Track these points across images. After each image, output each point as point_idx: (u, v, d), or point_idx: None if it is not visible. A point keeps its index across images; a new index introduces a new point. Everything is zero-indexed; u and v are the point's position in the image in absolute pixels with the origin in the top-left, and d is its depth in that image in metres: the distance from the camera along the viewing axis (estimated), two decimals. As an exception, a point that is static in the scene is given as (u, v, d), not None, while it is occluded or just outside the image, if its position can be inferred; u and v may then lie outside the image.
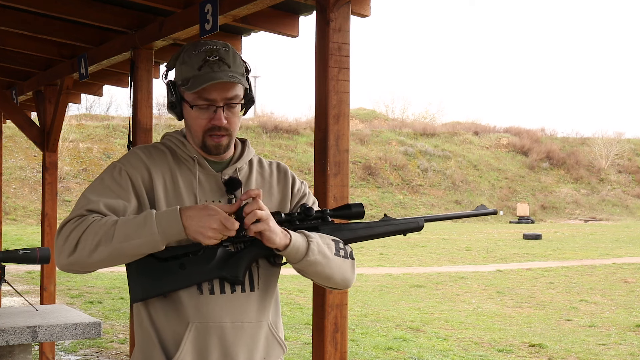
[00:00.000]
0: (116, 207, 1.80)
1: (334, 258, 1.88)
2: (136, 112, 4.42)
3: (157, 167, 1.88)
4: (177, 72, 1.91)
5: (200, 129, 1.87)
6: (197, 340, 1.82)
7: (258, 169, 2.01)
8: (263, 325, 1.90)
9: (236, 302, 1.85)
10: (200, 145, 1.90)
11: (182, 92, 1.89)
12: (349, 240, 1.96)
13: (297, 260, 1.83)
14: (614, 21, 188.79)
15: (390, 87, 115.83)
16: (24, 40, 5.30)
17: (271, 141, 38.88)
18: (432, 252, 19.83)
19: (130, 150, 1.97)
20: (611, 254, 19.18)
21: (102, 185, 1.83)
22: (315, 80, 3.03)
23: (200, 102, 1.85)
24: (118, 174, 1.85)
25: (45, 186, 6.28)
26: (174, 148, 1.94)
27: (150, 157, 1.90)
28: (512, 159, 45.25)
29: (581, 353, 7.90)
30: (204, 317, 1.82)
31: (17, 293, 6.04)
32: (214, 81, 1.81)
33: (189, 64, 1.86)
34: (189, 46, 1.91)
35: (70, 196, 29.31)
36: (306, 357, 7.04)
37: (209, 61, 1.85)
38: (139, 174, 1.85)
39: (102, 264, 1.75)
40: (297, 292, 12.15)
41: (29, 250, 3.49)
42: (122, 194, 1.82)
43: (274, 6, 3.65)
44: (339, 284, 1.94)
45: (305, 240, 1.83)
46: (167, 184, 1.88)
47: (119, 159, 1.90)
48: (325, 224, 1.93)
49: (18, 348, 3.61)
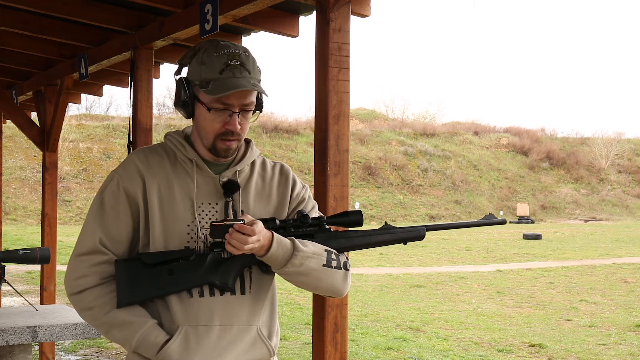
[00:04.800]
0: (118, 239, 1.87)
1: (322, 269, 1.86)
2: (136, 112, 4.42)
3: (152, 174, 1.87)
4: (194, 71, 1.86)
5: (213, 132, 1.86)
6: (186, 343, 1.82)
7: (260, 172, 1.99)
8: (252, 330, 1.88)
9: (226, 305, 1.85)
10: (210, 147, 1.89)
11: (197, 91, 1.86)
12: (345, 249, 1.92)
13: (276, 269, 1.85)
14: (614, 21, 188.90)
15: (390, 87, 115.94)
16: (24, 40, 5.29)
17: (271, 141, 38.89)
18: (432, 252, 19.84)
19: (128, 156, 1.94)
20: (611, 254, 19.18)
21: (103, 213, 1.87)
22: (315, 80, 3.03)
23: (218, 105, 1.83)
24: (118, 192, 1.87)
25: (45, 186, 6.28)
26: (173, 150, 1.92)
27: (146, 164, 1.89)
28: (512, 159, 45.27)
29: (581, 353, 7.90)
30: (194, 319, 1.82)
31: (17, 293, 6.04)
32: (238, 89, 1.80)
33: (209, 65, 1.83)
34: (209, 46, 1.87)
35: (70, 196, 29.32)
36: (306, 357, 7.04)
37: (230, 65, 1.82)
38: (135, 185, 1.86)
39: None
40: (297, 292, 12.14)
41: (29, 250, 3.49)
42: (123, 219, 1.87)
43: (274, 6, 3.65)
44: (328, 294, 1.94)
45: (289, 252, 1.82)
46: (162, 191, 1.87)
47: (117, 169, 1.91)
48: (321, 232, 1.90)
49: (18, 348, 3.61)
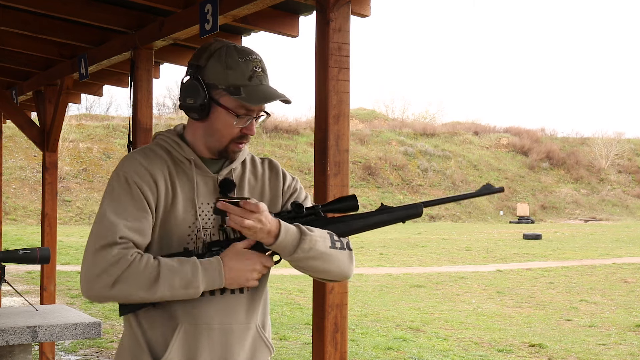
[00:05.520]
0: (140, 229, 1.78)
1: (330, 252, 1.85)
2: (136, 112, 4.41)
3: (158, 173, 1.84)
4: (218, 75, 1.83)
5: (230, 136, 1.85)
6: (186, 342, 1.80)
7: (251, 169, 1.99)
8: (251, 327, 1.89)
9: (225, 304, 1.84)
10: (221, 149, 1.88)
11: (220, 95, 1.83)
12: (344, 234, 1.90)
13: (285, 256, 1.83)
14: (614, 21, 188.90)
15: (390, 87, 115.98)
16: (24, 40, 5.29)
17: (271, 141, 38.89)
18: (432, 252, 19.83)
19: (129, 157, 1.88)
20: (611, 254, 19.18)
21: (120, 205, 1.78)
22: (315, 80, 3.03)
23: (243, 111, 1.83)
24: (129, 188, 1.80)
25: (45, 186, 6.28)
26: (169, 149, 1.90)
27: (150, 163, 1.85)
28: (512, 159, 45.27)
29: (581, 353, 7.90)
30: (194, 318, 1.81)
31: (17, 293, 6.04)
32: (277, 99, 1.82)
33: (237, 70, 1.82)
34: (230, 50, 1.85)
35: (70, 196, 29.33)
36: (306, 357, 7.04)
37: (256, 72, 1.83)
38: (146, 184, 1.81)
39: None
40: (297, 292, 12.14)
41: (29, 250, 3.48)
42: (141, 212, 1.79)
43: (274, 6, 3.65)
44: (337, 276, 1.92)
45: (297, 237, 1.80)
46: (168, 191, 1.84)
47: (122, 167, 1.84)
48: (317, 220, 1.89)
49: (18, 348, 3.61)
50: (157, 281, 1.72)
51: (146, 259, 1.74)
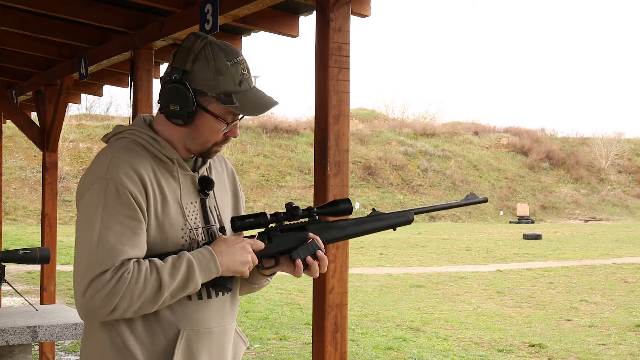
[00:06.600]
0: (138, 243, 1.70)
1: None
2: (136, 112, 4.41)
3: (145, 176, 1.74)
4: (208, 81, 1.74)
5: (214, 140, 1.80)
6: (189, 348, 1.77)
7: (214, 165, 1.95)
8: (233, 326, 1.92)
9: (216, 306, 1.83)
10: (204, 152, 1.82)
11: (208, 102, 1.75)
12: (338, 239, 1.90)
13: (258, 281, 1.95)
14: (614, 21, 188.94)
15: (390, 87, 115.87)
16: (24, 40, 5.30)
17: (271, 141, 38.87)
18: (432, 252, 19.83)
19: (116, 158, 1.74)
20: (611, 254, 19.18)
21: (115, 221, 1.68)
22: (315, 80, 3.03)
23: (231, 117, 1.78)
24: (120, 197, 1.69)
25: (45, 186, 6.28)
26: (146, 146, 1.79)
27: (137, 164, 1.74)
28: (512, 159, 45.25)
29: (581, 353, 7.90)
30: (195, 323, 1.78)
31: (17, 293, 6.04)
32: (273, 106, 1.79)
33: (227, 76, 1.74)
34: (215, 50, 1.76)
35: (70, 196, 29.31)
36: (306, 357, 7.04)
37: (245, 75, 1.77)
38: (137, 189, 1.71)
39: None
40: (297, 292, 12.15)
41: (29, 250, 3.49)
42: (135, 222, 1.70)
43: (274, 6, 3.65)
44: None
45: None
46: (156, 193, 1.76)
47: (111, 175, 1.70)
48: (312, 223, 1.88)
49: (18, 348, 3.61)
50: (160, 290, 1.68)
51: (144, 270, 1.67)
